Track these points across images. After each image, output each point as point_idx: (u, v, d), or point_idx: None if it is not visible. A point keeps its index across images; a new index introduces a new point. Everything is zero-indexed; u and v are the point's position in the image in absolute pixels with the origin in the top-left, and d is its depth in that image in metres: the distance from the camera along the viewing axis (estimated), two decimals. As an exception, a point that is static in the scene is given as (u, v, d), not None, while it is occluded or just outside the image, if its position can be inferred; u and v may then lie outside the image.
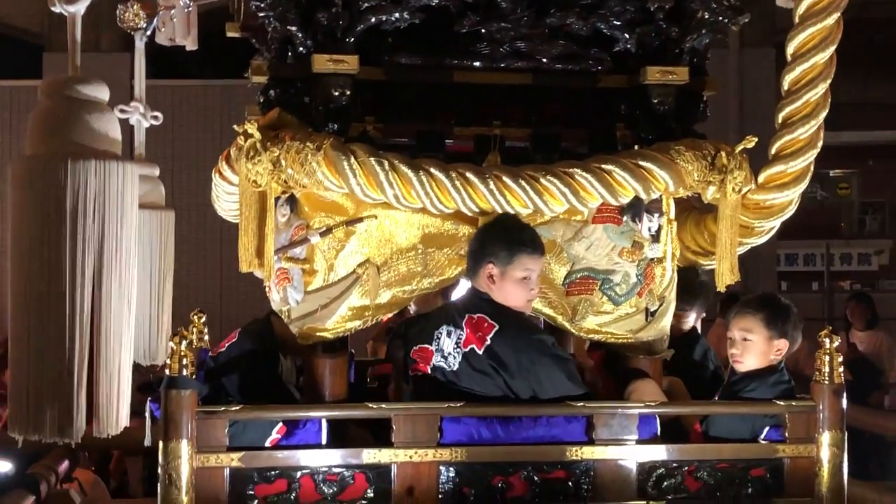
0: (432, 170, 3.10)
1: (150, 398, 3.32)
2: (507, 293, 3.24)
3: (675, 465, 3.18)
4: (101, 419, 2.71)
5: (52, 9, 2.88)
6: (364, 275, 3.27)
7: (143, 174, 4.06)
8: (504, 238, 3.22)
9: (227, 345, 3.54)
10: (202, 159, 10.50)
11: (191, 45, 4.27)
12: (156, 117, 4.49)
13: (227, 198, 3.47)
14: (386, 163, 3.08)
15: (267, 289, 3.41)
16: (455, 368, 3.19)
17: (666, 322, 3.42)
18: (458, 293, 4.11)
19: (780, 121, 3.34)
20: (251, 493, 3.02)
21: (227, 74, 10.32)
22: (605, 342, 3.42)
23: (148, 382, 3.45)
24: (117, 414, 2.75)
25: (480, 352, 3.16)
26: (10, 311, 2.81)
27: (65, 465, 4.44)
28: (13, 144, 10.73)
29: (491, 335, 3.17)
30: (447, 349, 3.22)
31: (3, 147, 10.70)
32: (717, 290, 3.36)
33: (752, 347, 3.38)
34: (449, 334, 3.22)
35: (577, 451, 3.13)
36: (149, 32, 4.36)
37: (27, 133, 2.73)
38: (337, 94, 3.24)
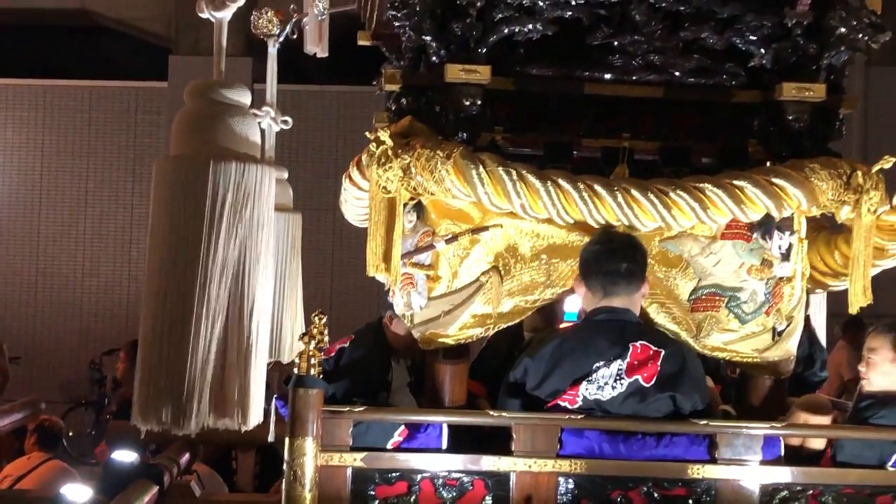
0: (560, 180, 3.11)
1: (275, 396, 3.41)
2: None
3: (798, 488, 3.12)
4: (235, 414, 2.77)
5: (200, 15, 2.97)
6: (487, 283, 3.29)
7: (275, 177, 4.15)
8: None
9: (337, 348, 3.58)
10: (317, 163, 10.73)
11: (322, 52, 4.36)
12: (285, 122, 4.59)
13: (355, 203, 3.53)
14: (514, 172, 3.10)
15: (391, 293, 3.46)
16: (613, 396, 3.13)
17: (793, 342, 3.35)
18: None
19: (917, 140, 3.26)
20: (372, 493, 3.07)
21: (343, 80, 10.55)
22: (729, 360, 3.37)
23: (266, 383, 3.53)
24: (250, 409, 2.81)
25: (650, 384, 3.13)
26: (144, 306, 2.90)
27: (185, 457, 4.57)
28: (139, 143, 11.11)
29: (660, 362, 3.14)
30: (604, 379, 3.14)
31: (129, 145, 11.07)
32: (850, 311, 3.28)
33: (875, 366, 3.35)
34: (607, 365, 3.14)
35: (698, 469, 3.10)
36: (281, 39, 4.46)
37: (172, 133, 2.83)
38: (468, 103, 3.28)
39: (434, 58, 3.31)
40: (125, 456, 3.98)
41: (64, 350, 10.92)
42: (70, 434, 9.89)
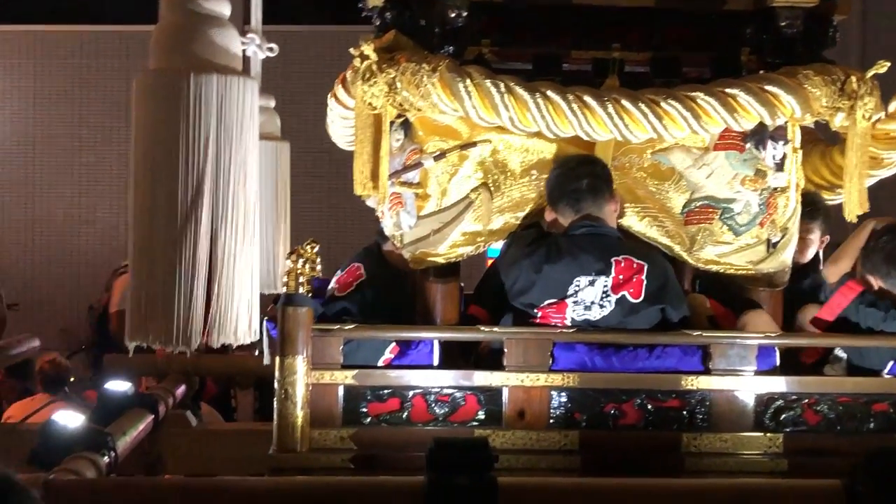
0: (549, 92, 3.05)
1: (265, 318, 3.38)
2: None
3: (794, 397, 3.10)
4: (217, 329, 2.74)
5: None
6: (477, 200, 3.25)
7: (260, 105, 4.10)
8: None
9: (355, 283, 3.52)
10: (312, 105, 10.63)
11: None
12: (271, 49, 4.52)
13: (341, 123, 3.47)
14: (502, 85, 3.04)
15: (380, 214, 3.42)
16: (604, 316, 3.11)
17: (788, 254, 3.32)
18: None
19: (915, 46, 3.21)
20: (364, 410, 3.05)
21: (338, 20, 10.43)
22: (723, 273, 3.34)
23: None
24: (235, 326, 2.77)
25: (639, 299, 3.10)
26: (131, 225, 2.87)
27: (181, 389, 4.55)
28: (131, 88, 11.00)
29: (645, 275, 3.11)
30: (590, 299, 3.11)
31: (121, 90, 10.95)
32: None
33: None
34: (592, 283, 3.11)
35: (692, 380, 3.08)
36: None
37: (150, 47, 2.77)
38: (453, 15, 3.21)
39: (418, -32, 3.24)
40: (119, 385, 3.96)
41: (62, 296, 10.91)
42: (71, 379, 9.94)
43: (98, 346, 6.93)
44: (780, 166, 3.25)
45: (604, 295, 3.11)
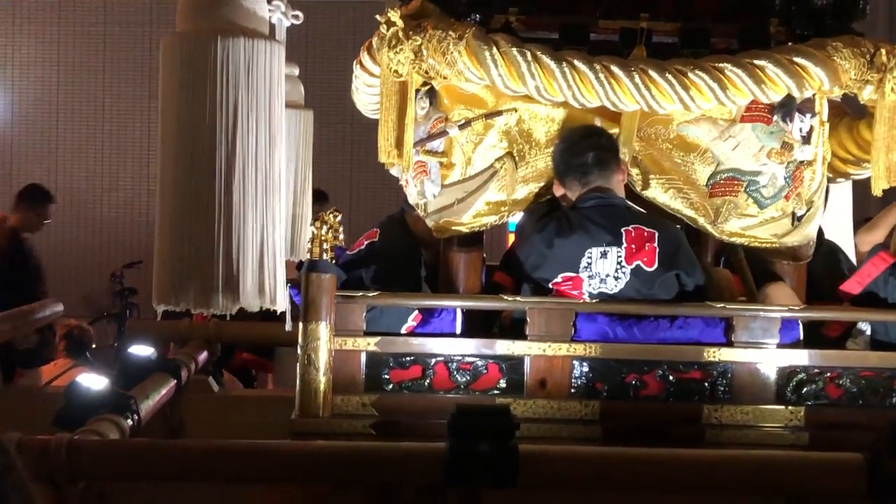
0: (576, 62, 3.04)
1: (288, 284, 3.39)
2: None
3: (816, 370, 3.10)
4: (244, 291, 2.73)
5: None
6: (502, 169, 3.24)
7: (285, 73, 4.09)
8: None
9: (366, 242, 3.55)
10: (333, 75, 10.62)
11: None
12: (296, 16, 4.50)
13: (366, 90, 3.46)
14: (528, 53, 3.03)
15: (404, 182, 3.42)
16: (621, 289, 3.11)
17: (813, 227, 3.31)
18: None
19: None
20: (386, 377, 3.07)
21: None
22: (747, 246, 3.33)
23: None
24: (275, 289, 2.76)
25: (653, 268, 3.11)
26: (158, 188, 2.86)
27: (203, 355, 4.57)
28: (155, 57, 10.99)
29: (657, 243, 3.11)
30: (605, 271, 3.11)
31: (144, 60, 10.97)
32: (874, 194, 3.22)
33: None
34: (604, 255, 3.12)
35: (714, 352, 3.07)
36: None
37: (178, 8, 2.76)
38: (481, -17, 3.19)
39: (445, -65, 3.22)
40: (142, 350, 3.97)
41: (85, 264, 10.98)
42: (93, 346, 10.02)
43: None
44: (806, 139, 3.23)
45: (618, 266, 3.11)
